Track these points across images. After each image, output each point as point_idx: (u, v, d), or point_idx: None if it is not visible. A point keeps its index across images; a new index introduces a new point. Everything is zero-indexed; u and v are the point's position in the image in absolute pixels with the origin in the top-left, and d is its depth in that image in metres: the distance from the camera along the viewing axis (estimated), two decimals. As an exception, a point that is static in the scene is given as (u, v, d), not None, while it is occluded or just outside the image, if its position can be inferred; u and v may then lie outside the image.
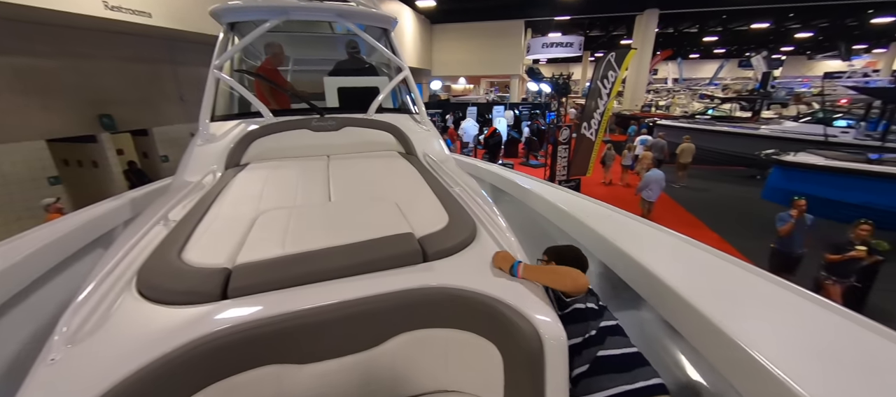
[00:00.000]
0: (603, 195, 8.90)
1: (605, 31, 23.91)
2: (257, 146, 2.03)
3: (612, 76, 6.89)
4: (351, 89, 2.86)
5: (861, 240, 3.88)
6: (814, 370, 0.80)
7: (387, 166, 1.86)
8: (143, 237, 1.12)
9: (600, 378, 1.00)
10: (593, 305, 1.13)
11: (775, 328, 0.96)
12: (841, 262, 3.95)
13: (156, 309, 0.83)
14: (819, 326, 0.97)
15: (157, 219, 1.20)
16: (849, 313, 1.02)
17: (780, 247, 4.64)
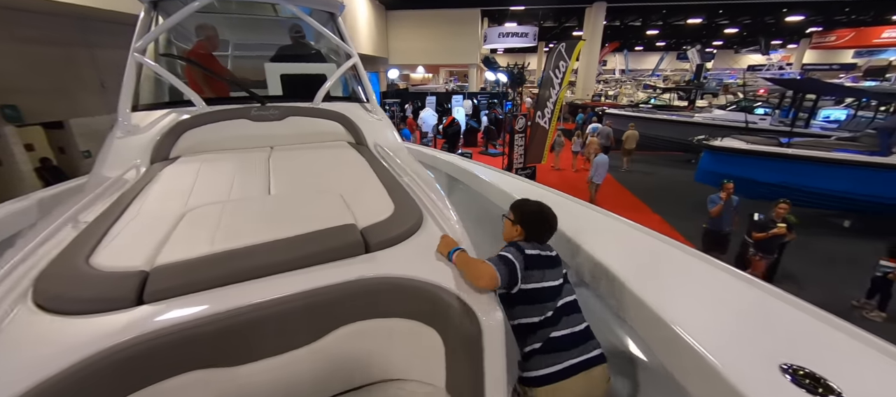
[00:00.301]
0: (555, 180, 9.35)
1: (558, 22, 24.68)
2: (189, 138, 1.86)
3: (563, 66, 7.14)
4: (296, 76, 2.71)
5: (781, 217, 4.30)
6: (728, 342, 0.89)
7: (333, 157, 1.80)
8: (45, 241, 0.99)
9: (551, 355, 1.11)
10: (553, 283, 1.18)
11: (698, 304, 1.06)
12: (765, 240, 4.35)
13: (57, 320, 0.74)
14: (736, 298, 1.08)
15: (64, 220, 1.06)
16: (761, 284, 1.15)
17: (710, 226, 5.01)
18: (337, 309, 0.86)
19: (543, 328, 1.12)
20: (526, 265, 1.13)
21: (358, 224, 1.07)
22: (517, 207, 1.32)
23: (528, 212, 1.29)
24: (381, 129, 2.38)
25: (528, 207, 1.30)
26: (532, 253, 1.18)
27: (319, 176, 1.51)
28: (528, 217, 1.28)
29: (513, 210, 1.32)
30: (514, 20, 22.27)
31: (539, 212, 1.29)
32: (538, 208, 1.30)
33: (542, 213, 1.29)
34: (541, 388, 1.09)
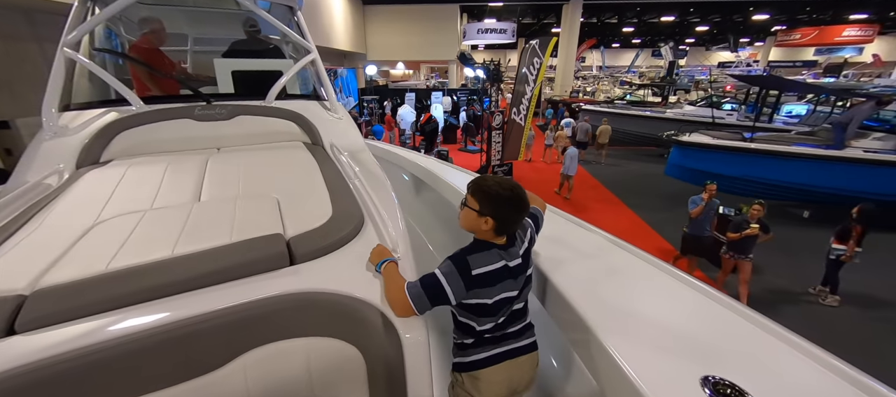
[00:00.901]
0: (528, 173, 9.46)
1: (536, 18, 24.88)
2: (124, 140, 1.74)
3: (538, 62, 7.18)
4: (250, 73, 2.59)
5: (755, 218, 4.22)
6: (654, 355, 0.85)
7: (281, 158, 1.71)
8: None
9: (483, 346, 1.10)
10: (509, 294, 1.06)
11: (634, 312, 1.01)
12: (740, 240, 4.24)
13: None
14: (675, 305, 1.05)
15: None
16: (703, 289, 1.11)
17: (691, 230, 4.83)
18: (244, 331, 0.78)
19: (495, 332, 1.10)
20: (470, 285, 0.98)
21: (287, 233, 1.00)
22: (481, 191, 1.03)
23: (500, 200, 1.01)
24: (340, 129, 2.30)
25: (499, 192, 1.01)
26: (483, 271, 1.00)
27: (260, 179, 1.43)
28: (502, 206, 1.01)
29: (476, 195, 1.04)
30: (493, 16, 22.29)
31: (513, 197, 1.02)
32: (511, 192, 1.02)
33: (517, 198, 1.03)
34: (465, 373, 1.09)
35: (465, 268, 0.99)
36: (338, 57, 16.75)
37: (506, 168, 7.59)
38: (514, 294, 1.08)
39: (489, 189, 1.03)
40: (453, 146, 12.67)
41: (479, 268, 1.00)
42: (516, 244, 1.10)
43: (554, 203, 8.28)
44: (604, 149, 11.05)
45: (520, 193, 1.04)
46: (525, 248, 1.13)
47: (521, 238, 1.13)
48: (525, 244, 1.13)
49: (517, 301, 1.11)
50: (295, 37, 2.50)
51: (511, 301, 1.08)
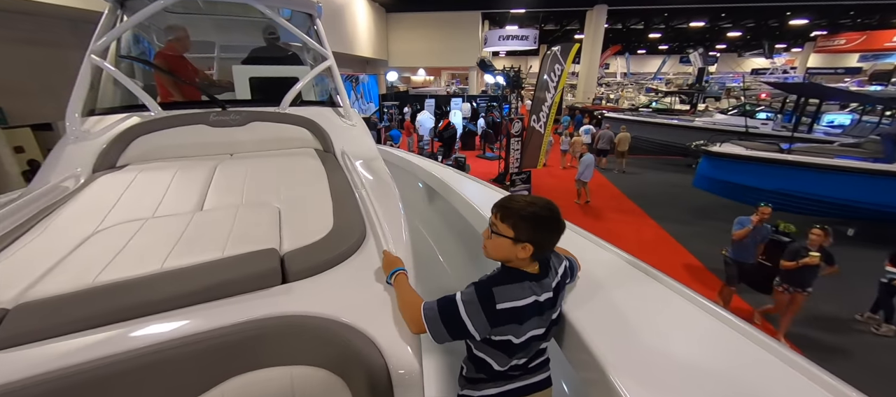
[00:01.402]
0: (545, 178, 9.26)
1: (559, 25, 24.60)
2: (141, 145, 1.77)
3: (559, 69, 7.03)
4: (269, 80, 2.62)
5: (817, 246, 3.65)
6: None
7: (289, 165, 1.69)
8: None
9: (497, 381, 1.00)
10: (536, 332, 0.94)
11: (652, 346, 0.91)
12: (796, 270, 3.67)
13: None
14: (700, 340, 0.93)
15: None
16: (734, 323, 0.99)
17: (733, 254, 4.21)
18: (225, 357, 0.72)
19: (516, 371, 0.99)
20: (495, 320, 0.87)
21: (283, 247, 0.95)
22: (516, 214, 0.90)
23: (539, 221, 0.90)
24: (353, 136, 2.27)
25: (536, 212, 0.90)
26: (510, 307, 0.88)
27: (265, 187, 1.40)
28: (541, 228, 0.90)
29: (508, 220, 0.91)
30: (514, 23, 22.21)
31: (552, 217, 0.91)
32: (549, 212, 0.91)
33: (555, 217, 0.92)
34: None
35: (488, 300, 0.87)
36: (360, 63, 17.08)
37: (524, 176, 7.44)
38: (541, 331, 0.96)
39: (524, 210, 0.91)
40: (472, 152, 12.61)
41: (506, 303, 0.88)
42: (549, 275, 0.97)
43: (573, 213, 8.13)
44: (623, 158, 10.82)
45: (556, 211, 0.94)
46: (557, 281, 1.00)
47: (555, 267, 1.01)
48: (558, 277, 1.01)
49: (544, 339, 0.99)
50: (312, 44, 2.50)
51: (538, 339, 0.96)
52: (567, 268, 1.09)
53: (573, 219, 3.77)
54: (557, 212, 0.94)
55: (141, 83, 2.59)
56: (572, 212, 7.50)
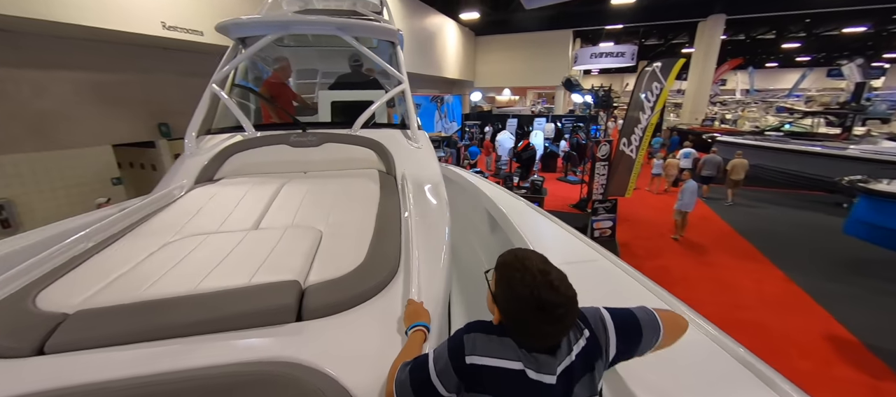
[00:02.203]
0: (639, 210, 8.20)
1: (663, 38, 22.34)
2: (234, 161, 2.03)
3: (657, 88, 6.28)
4: (348, 103, 2.83)
5: None
6: None
7: (346, 188, 1.75)
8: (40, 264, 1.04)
9: None
10: (549, 378, 0.69)
11: None
12: None
13: None
14: None
15: (77, 238, 1.17)
16: None
17: None
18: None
19: None
20: (462, 374, 0.69)
21: (309, 278, 0.95)
22: (502, 271, 0.74)
23: (514, 297, 0.70)
24: (416, 158, 2.29)
25: (517, 284, 0.69)
26: (483, 364, 0.68)
27: (316, 209, 1.46)
28: (515, 305, 0.70)
29: (496, 271, 0.76)
30: (610, 39, 20.87)
31: (535, 301, 0.67)
32: (530, 290, 0.67)
33: (542, 304, 0.67)
34: None
35: (457, 350, 0.70)
36: (447, 84, 17.84)
37: (609, 205, 6.74)
38: (550, 379, 0.70)
39: (510, 274, 0.71)
40: (552, 175, 12.00)
41: (478, 357, 0.68)
42: (556, 353, 0.72)
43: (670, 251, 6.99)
44: (735, 188, 9.14)
45: (551, 299, 0.67)
46: (569, 364, 0.72)
47: (569, 345, 0.73)
48: (571, 357, 0.72)
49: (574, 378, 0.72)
50: (389, 68, 2.62)
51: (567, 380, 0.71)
52: (591, 339, 0.75)
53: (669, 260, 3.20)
54: (551, 301, 0.67)
55: (253, 105, 3.05)
56: (668, 251, 6.50)
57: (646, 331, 0.80)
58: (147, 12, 5.13)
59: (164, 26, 5.36)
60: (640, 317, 0.81)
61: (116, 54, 5.73)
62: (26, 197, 4.96)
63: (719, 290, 5.21)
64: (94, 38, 5.19)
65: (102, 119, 5.78)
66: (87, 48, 5.36)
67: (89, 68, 5.50)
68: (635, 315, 0.82)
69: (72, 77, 5.32)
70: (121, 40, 5.39)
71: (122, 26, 4.88)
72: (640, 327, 0.80)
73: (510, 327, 0.72)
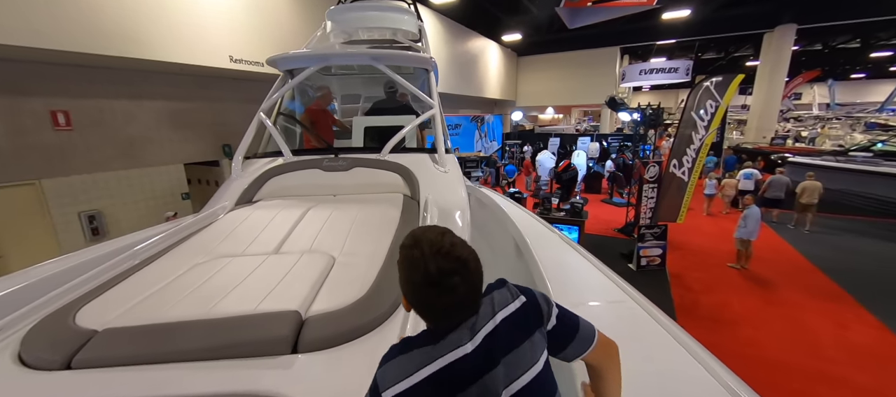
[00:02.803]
0: (691, 237, 7.47)
1: (723, 52, 20.81)
2: (272, 184, 2.19)
3: (712, 106, 5.82)
4: (380, 128, 2.95)
5: None
6: None
7: (367, 214, 1.80)
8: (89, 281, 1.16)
9: None
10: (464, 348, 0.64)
11: None
12: None
13: (20, 374, 0.81)
14: None
15: (124, 257, 1.31)
16: None
17: None
18: None
19: None
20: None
21: (312, 308, 0.98)
22: (400, 252, 0.68)
23: (407, 274, 0.65)
24: (442, 183, 2.31)
25: (409, 259, 0.65)
26: (398, 392, 0.61)
27: (335, 236, 1.51)
28: (408, 285, 0.66)
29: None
30: (662, 55, 19.87)
31: (424, 272, 0.62)
32: (422, 265, 0.63)
33: (429, 273, 0.62)
34: None
35: (373, 391, 0.64)
36: (489, 104, 17.97)
37: (658, 231, 6.26)
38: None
39: (405, 255, 0.65)
40: (596, 196, 11.45)
41: (394, 388, 0.61)
42: (461, 327, 0.66)
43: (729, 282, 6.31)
44: (809, 214, 8.08)
45: (442, 267, 0.61)
46: (495, 328, 0.66)
47: (492, 309, 0.69)
48: (496, 321, 0.67)
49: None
50: (420, 94, 2.70)
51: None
52: (527, 305, 0.71)
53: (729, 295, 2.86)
54: (443, 270, 0.61)
55: (299, 129, 3.29)
56: (728, 284, 5.85)
57: (582, 331, 0.76)
58: (217, 48, 5.81)
59: (231, 59, 6.02)
60: (580, 318, 0.79)
61: (190, 84, 6.50)
62: (113, 208, 5.71)
63: (792, 334, 4.54)
64: (174, 72, 5.95)
65: (177, 141, 6.54)
66: (167, 80, 6.15)
67: (168, 98, 6.28)
68: (577, 315, 0.79)
69: (154, 106, 6.11)
70: (195, 72, 6.13)
71: (197, 61, 5.56)
72: (578, 324, 0.77)
73: (422, 317, 0.67)
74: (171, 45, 5.21)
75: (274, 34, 6.68)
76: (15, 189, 4.73)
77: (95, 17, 4.44)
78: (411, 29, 3.53)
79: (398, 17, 3.43)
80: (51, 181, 5.01)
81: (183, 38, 5.34)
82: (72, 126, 5.17)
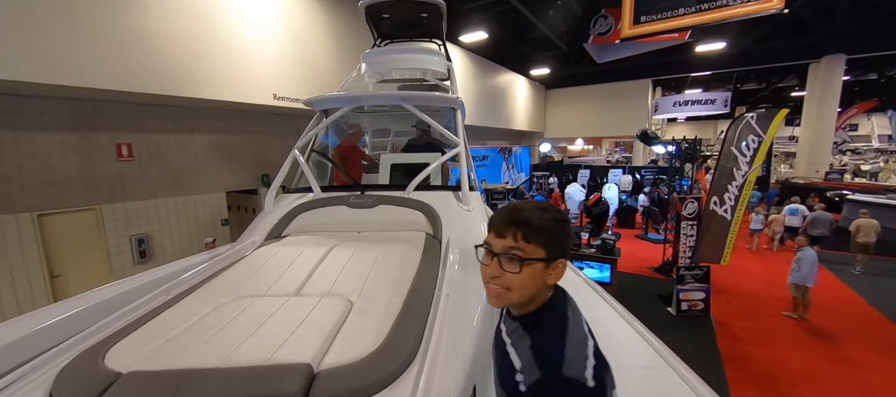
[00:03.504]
0: (739, 280, 6.84)
1: (764, 82, 19.97)
2: (301, 220, 2.26)
3: (755, 141, 5.51)
4: (407, 165, 3.02)
5: None
6: None
7: (389, 255, 1.79)
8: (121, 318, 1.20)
9: None
10: None
11: None
12: None
13: None
14: None
15: (158, 293, 1.36)
16: None
17: None
18: None
19: None
20: None
21: (325, 360, 0.96)
22: (535, 227, 0.76)
23: (562, 225, 0.79)
24: (466, 222, 2.29)
25: (556, 217, 0.79)
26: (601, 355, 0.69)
27: (355, 278, 1.51)
28: (566, 232, 0.80)
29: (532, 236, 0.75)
30: (698, 86, 19.35)
31: (566, 217, 0.83)
32: (560, 212, 0.82)
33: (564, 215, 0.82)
34: None
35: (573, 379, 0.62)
36: (516, 136, 18.06)
37: (699, 273, 5.84)
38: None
39: (542, 218, 0.76)
40: (630, 230, 10.95)
41: (588, 361, 0.65)
42: None
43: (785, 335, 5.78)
44: (865, 254, 7.46)
45: None
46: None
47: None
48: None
49: None
50: (446, 133, 2.75)
51: None
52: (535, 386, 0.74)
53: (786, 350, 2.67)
54: None
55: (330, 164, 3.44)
56: (784, 336, 5.27)
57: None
58: (263, 87, 6.30)
59: (274, 97, 6.49)
60: None
61: (236, 119, 7.04)
62: (159, 233, 6.12)
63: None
64: (223, 108, 6.48)
65: (221, 171, 7.01)
66: (216, 115, 6.69)
67: (217, 131, 6.81)
68: None
69: (204, 138, 6.63)
70: (242, 109, 6.64)
71: (246, 99, 6.04)
72: None
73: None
74: (223, 84, 5.71)
75: (314, 73, 7.17)
76: (79, 213, 5.20)
77: (161, 61, 4.98)
78: (440, 69, 3.66)
79: (428, 58, 3.59)
80: (109, 206, 5.48)
81: (234, 78, 5.85)
82: (133, 157, 5.70)
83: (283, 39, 6.59)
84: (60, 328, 1.27)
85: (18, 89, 4.33)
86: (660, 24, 5.30)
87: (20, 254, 4.68)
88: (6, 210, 4.58)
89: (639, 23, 5.46)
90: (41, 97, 4.71)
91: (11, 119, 4.57)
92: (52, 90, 4.44)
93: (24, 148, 4.69)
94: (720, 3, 4.58)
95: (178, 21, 5.11)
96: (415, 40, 4.71)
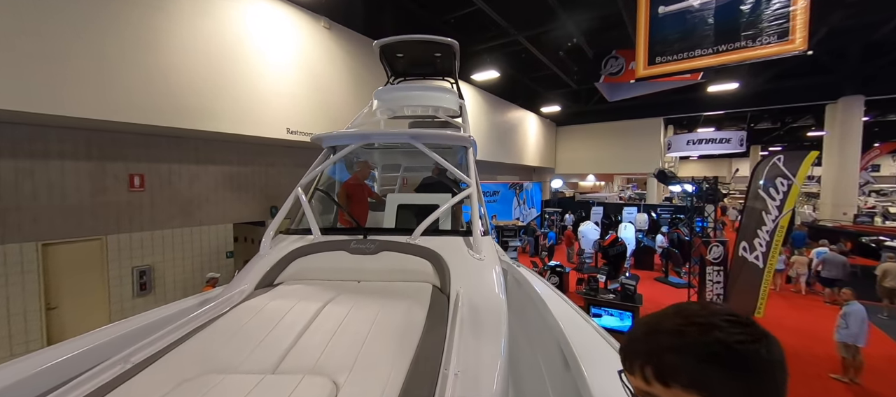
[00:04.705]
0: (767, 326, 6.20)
1: (779, 122, 19.72)
2: (297, 265, 2.07)
3: (784, 184, 5.22)
4: (415, 207, 2.85)
5: None
6: None
7: (391, 312, 1.57)
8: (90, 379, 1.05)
9: None
10: None
11: None
12: None
13: None
14: None
15: (108, 364, 1.16)
16: None
17: None
18: None
19: None
20: None
21: None
22: (697, 352, 0.51)
23: (774, 365, 0.54)
24: (477, 273, 2.05)
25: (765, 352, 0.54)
26: None
27: (349, 343, 1.29)
28: (777, 375, 0.55)
29: (679, 372, 0.51)
30: (711, 125, 19.24)
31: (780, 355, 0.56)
32: (773, 346, 0.55)
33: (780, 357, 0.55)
34: None
35: None
36: (527, 171, 17.98)
37: (729, 322, 5.37)
38: None
39: (712, 341, 0.51)
40: (648, 273, 10.43)
41: None
42: None
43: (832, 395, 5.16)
44: (892, 301, 7.08)
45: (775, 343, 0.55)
46: None
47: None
48: None
49: None
50: (457, 172, 2.59)
51: None
52: None
53: None
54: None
55: None
56: (828, 392, 4.71)
57: None
58: (278, 121, 6.36)
59: (288, 131, 6.53)
60: None
61: (249, 152, 7.09)
62: (162, 264, 5.99)
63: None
64: (237, 141, 6.53)
65: (230, 201, 6.98)
66: (229, 148, 6.74)
67: (229, 162, 6.85)
68: None
69: (215, 170, 6.66)
70: (255, 141, 6.69)
71: (260, 132, 6.09)
72: None
73: None
74: (239, 118, 5.77)
75: (328, 108, 7.26)
76: (83, 243, 5.13)
77: (183, 95, 5.07)
78: (452, 106, 3.58)
79: (440, 95, 3.52)
80: (115, 237, 5.41)
81: (249, 112, 5.92)
82: (144, 187, 5.70)
83: (299, 76, 6.74)
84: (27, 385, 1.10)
85: (45, 121, 4.42)
86: (676, 65, 5.23)
87: (20, 284, 4.57)
88: (14, 239, 4.53)
89: (654, 63, 5.42)
90: (63, 127, 4.80)
91: (32, 148, 4.64)
92: (77, 122, 4.52)
93: (41, 176, 4.72)
94: (739, 45, 4.51)
95: (200, 59, 5.25)
96: (427, 78, 4.71)
